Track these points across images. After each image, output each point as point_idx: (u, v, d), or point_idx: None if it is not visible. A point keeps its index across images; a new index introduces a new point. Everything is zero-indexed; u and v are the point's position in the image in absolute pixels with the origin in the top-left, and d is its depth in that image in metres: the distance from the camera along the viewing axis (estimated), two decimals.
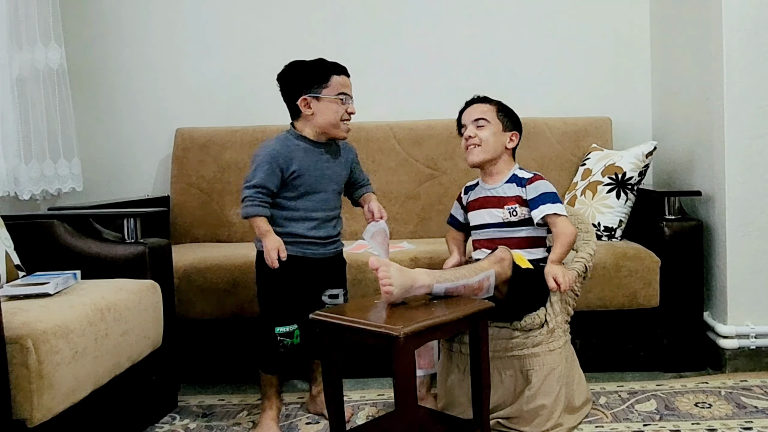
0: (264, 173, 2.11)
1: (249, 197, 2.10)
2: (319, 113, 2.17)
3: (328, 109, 2.17)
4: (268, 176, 2.11)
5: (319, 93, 2.16)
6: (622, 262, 2.58)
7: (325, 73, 2.18)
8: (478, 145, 2.23)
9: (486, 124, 2.23)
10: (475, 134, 2.23)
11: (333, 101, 2.17)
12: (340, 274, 2.31)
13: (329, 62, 2.21)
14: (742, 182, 2.58)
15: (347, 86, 2.21)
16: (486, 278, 1.96)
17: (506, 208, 2.19)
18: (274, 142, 2.18)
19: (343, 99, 2.18)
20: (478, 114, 2.25)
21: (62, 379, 1.70)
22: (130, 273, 2.26)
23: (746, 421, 2.15)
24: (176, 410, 2.42)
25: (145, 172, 3.42)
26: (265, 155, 2.14)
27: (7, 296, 1.90)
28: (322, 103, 2.17)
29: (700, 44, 2.77)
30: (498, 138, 2.23)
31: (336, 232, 2.26)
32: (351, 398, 2.46)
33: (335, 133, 2.21)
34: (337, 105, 2.17)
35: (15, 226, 2.29)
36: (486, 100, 2.30)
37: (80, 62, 3.34)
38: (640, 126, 3.35)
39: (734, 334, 2.59)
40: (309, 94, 2.16)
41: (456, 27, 3.36)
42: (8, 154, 2.81)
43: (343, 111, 2.19)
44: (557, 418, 2.08)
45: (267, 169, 2.11)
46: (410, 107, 3.35)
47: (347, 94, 2.20)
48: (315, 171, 2.18)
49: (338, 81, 2.18)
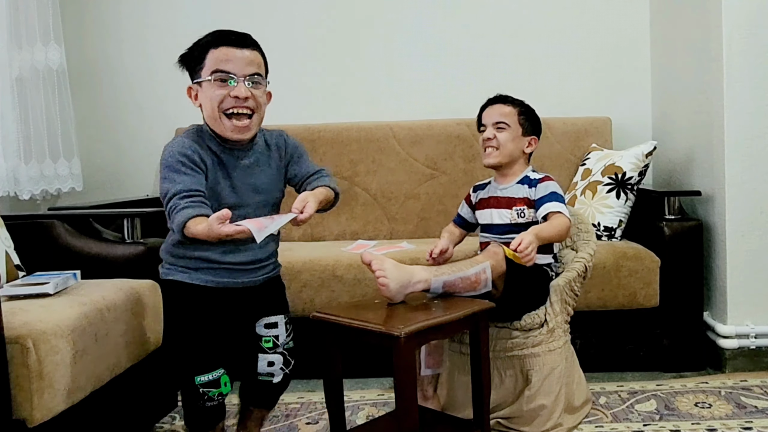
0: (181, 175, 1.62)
1: (174, 207, 1.60)
2: (203, 104, 1.69)
3: (205, 96, 1.66)
4: (188, 177, 1.62)
5: (197, 77, 1.67)
6: (622, 262, 2.58)
7: (200, 48, 1.67)
8: (496, 148, 2.19)
9: (506, 127, 2.19)
10: (493, 136, 2.19)
11: (209, 83, 1.64)
12: (278, 298, 1.87)
13: (210, 34, 1.69)
14: (742, 182, 2.58)
15: (230, 59, 1.63)
16: (482, 270, 1.95)
17: (514, 210, 2.18)
18: (180, 138, 1.70)
19: (221, 78, 1.63)
20: (499, 116, 2.20)
21: (62, 379, 1.70)
22: (130, 273, 2.26)
23: (746, 421, 2.15)
24: (176, 410, 2.42)
25: (145, 172, 3.42)
26: (174, 154, 1.64)
27: (7, 296, 1.90)
28: (201, 90, 1.67)
29: (700, 44, 2.77)
30: (516, 143, 2.20)
31: (266, 254, 1.79)
32: (351, 398, 2.46)
33: (221, 132, 1.68)
34: (214, 88, 1.63)
35: (15, 226, 2.29)
36: (509, 101, 2.25)
37: (80, 62, 3.34)
38: (640, 126, 3.35)
39: (734, 334, 2.59)
40: (193, 81, 1.69)
41: (456, 27, 3.36)
42: (8, 154, 2.81)
43: (223, 95, 1.64)
44: (557, 418, 2.08)
45: (183, 170, 1.63)
46: (410, 107, 3.35)
47: (228, 72, 1.63)
48: (228, 180, 1.70)
49: (215, 55, 1.64)
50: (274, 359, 1.86)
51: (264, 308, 1.84)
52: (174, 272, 1.74)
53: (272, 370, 1.86)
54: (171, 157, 1.64)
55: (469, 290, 1.95)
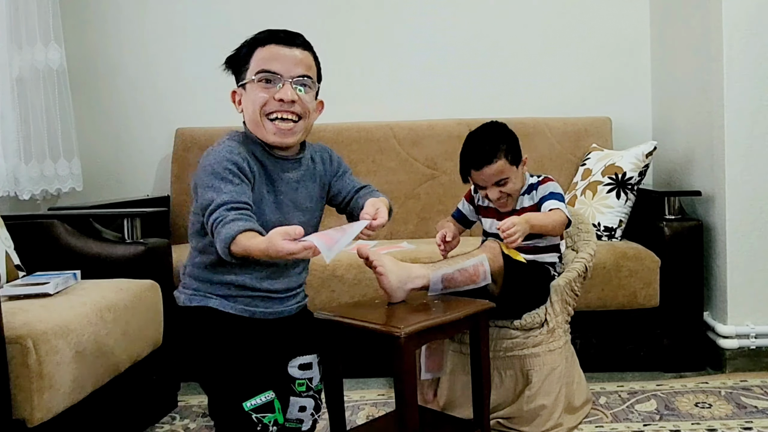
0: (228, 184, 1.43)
1: (220, 218, 1.40)
2: (245, 108, 1.53)
3: (248, 99, 1.51)
4: (236, 187, 1.43)
5: (244, 78, 1.51)
6: (622, 262, 2.58)
7: (247, 48, 1.52)
8: (508, 195, 2.10)
9: (508, 180, 2.09)
10: (500, 193, 2.09)
11: (252, 84, 1.49)
12: (311, 334, 1.69)
13: (258, 33, 1.54)
14: (742, 182, 2.58)
15: (277, 58, 1.47)
16: (480, 263, 1.94)
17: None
18: (227, 141, 1.52)
19: (267, 78, 1.47)
20: (495, 176, 2.07)
21: (62, 379, 1.70)
22: (130, 273, 2.26)
23: (746, 421, 2.15)
24: (176, 410, 2.42)
25: (145, 172, 3.42)
26: (222, 160, 1.45)
27: (7, 296, 1.90)
28: (245, 93, 1.52)
29: (700, 44, 2.77)
30: (518, 178, 2.11)
31: (299, 282, 1.66)
32: (351, 398, 2.46)
33: (262, 136, 1.51)
34: (258, 89, 1.48)
35: (15, 226, 2.29)
36: (494, 153, 2.05)
37: (80, 62, 3.34)
38: (640, 126, 3.35)
39: (734, 334, 2.59)
40: (238, 84, 1.55)
41: (456, 27, 3.36)
42: (8, 154, 2.81)
43: (267, 98, 1.48)
44: (557, 418, 2.08)
45: (231, 179, 1.44)
46: (410, 107, 3.35)
47: (273, 71, 1.47)
48: (272, 195, 1.53)
49: (261, 54, 1.48)
50: (306, 404, 1.67)
51: (297, 346, 1.64)
52: (202, 298, 1.53)
53: (303, 416, 1.66)
54: (218, 164, 1.45)
55: (469, 283, 1.93)
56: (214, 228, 1.40)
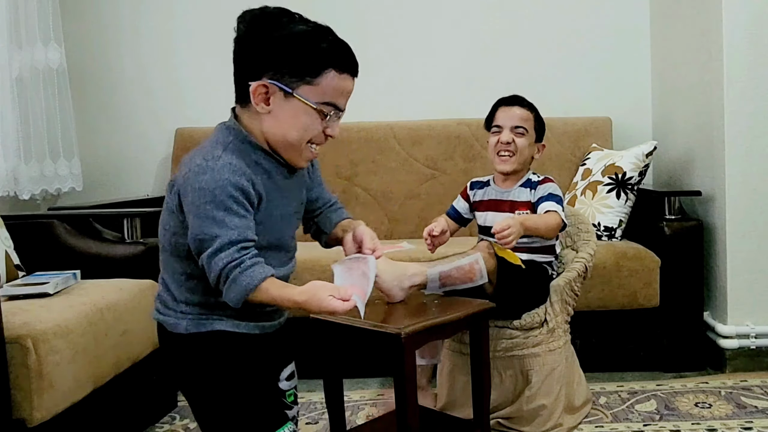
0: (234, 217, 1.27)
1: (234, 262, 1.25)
2: (278, 118, 1.32)
3: (296, 120, 1.32)
4: (242, 221, 1.28)
5: (295, 87, 1.31)
6: (622, 262, 2.58)
7: (319, 60, 1.30)
8: (513, 153, 2.11)
9: (525, 133, 2.11)
10: (512, 140, 2.11)
11: (310, 110, 1.32)
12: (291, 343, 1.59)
13: (332, 42, 1.33)
14: (742, 182, 2.58)
15: (344, 93, 1.36)
16: (475, 261, 1.94)
17: (517, 213, 2.13)
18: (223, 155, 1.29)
19: (328, 112, 1.34)
20: (519, 120, 2.11)
21: (62, 379, 1.70)
22: (130, 273, 2.26)
23: (746, 421, 2.15)
24: (176, 410, 2.42)
25: (145, 172, 3.42)
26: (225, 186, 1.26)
27: (7, 296, 1.90)
28: (290, 105, 1.32)
29: (700, 44, 2.77)
30: (530, 149, 2.15)
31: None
32: (351, 398, 2.46)
33: (290, 157, 1.37)
34: (314, 118, 1.33)
35: (15, 226, 2.29)
36: (526, 104, 2.15)
37: (80, 62, 3.34)
38: (640, 126, 3.35)
39: (734, 334, 2.59)
40: (276, 82, 1.30)
41: (456, 27, 3.36)
42: (8, 154, 2.81)
43: (319, 131, 1.35)
44: (557, 418, 2.08)
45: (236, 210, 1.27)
46: (410, 107, 3.35)
47: (337, 106, 1.35)
48: (279, 209, 1.39)
49: (335, 82, 1.32)
50: (295, 413, 1.58)
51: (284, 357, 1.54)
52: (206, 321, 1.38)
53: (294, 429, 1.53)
54: (220, 190, 1.25)
55: (466, 281, 1.94)
56: (228, 272, 1.26)
